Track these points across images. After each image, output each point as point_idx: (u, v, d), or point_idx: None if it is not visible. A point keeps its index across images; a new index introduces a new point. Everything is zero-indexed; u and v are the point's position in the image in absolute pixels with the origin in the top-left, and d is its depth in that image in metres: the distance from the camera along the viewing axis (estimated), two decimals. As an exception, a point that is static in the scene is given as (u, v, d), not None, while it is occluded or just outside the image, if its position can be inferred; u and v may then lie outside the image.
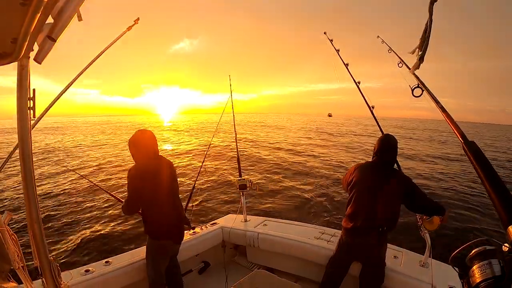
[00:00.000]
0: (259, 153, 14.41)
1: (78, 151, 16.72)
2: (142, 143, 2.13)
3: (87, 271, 2.06)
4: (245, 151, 14.65)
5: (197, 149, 16.05)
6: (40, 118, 2.04)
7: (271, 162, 12.17)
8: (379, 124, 2.62)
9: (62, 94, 2.28)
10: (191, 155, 14.16)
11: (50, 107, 2.19)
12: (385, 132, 2.33)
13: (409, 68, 1.85)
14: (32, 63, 0.85)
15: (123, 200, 2.33)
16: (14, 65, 0.87)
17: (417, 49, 1.16)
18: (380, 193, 2.03)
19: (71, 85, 2.30)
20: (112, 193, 2.99)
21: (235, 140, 3.58)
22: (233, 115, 3.72)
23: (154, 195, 2.09)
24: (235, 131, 3.63)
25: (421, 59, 1.17)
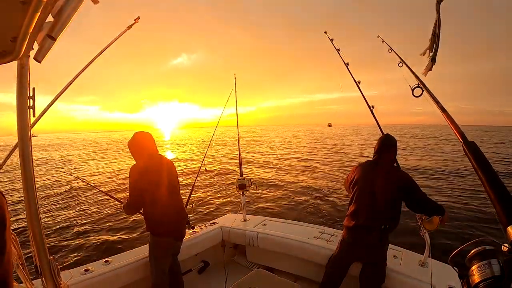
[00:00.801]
0: (261, 158, 14.40)
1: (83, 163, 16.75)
2: (142, 143, 2.19)
3: (86, 270, 2.06)
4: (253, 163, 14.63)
5: (195, 158, 16.06)
6: (40, 117, 2.03)
7: (272, 164, 12.17)
8: (379, 124, 2.62)
9: (65, 90, 2.26)
10: (190, 160, 14.17)
11: (51, 105, 2.18)
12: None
13: (409, 68, 1.85)
14: (32, 62, 0.85)
15: (121, 200, 2.34)
16: (14, 73, 0.86)
17: (428, 50, 1.15)
18: (380, 192, 2.03)
19: (76, 78, 2.28)
20: (110, 194, 2.99)
21: (237, 139, 3.58)
22: (236, 112, 3.69)
23: (156, 193, 2.12)
24: (237, 129, 3.61)
25: (433, 60, 1.16)
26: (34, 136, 0.97)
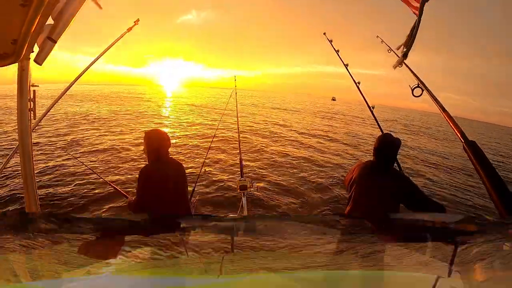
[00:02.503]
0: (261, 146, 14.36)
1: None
2: (149, 144, 2.16)
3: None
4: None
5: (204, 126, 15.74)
6: (41, 119, 2.04)
7: (273, 161, 12.15)
8: (379, 123, 2.63)
9: (61, 97, 2.29)
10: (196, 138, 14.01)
11: (50, 108, 2.20)
12: (389, 131, 2.33)
13: (409, 68, 1.85)
14: (32, 64, 0.85)
15: (127, 195, 2.34)
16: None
17: (402, 46, 1.16)
18: (378, 193, 2.02)
19: (69, 88, 2.31)
20: (117, 187, 2.80)
21: (238, 141, 3.62)
22: (237, 118, 3.73)
23: (162, 198, 2.11)
24: (238, 133, 3.67)
25: (404, 56, 1.17)
26: (35, 86, 0.95)
